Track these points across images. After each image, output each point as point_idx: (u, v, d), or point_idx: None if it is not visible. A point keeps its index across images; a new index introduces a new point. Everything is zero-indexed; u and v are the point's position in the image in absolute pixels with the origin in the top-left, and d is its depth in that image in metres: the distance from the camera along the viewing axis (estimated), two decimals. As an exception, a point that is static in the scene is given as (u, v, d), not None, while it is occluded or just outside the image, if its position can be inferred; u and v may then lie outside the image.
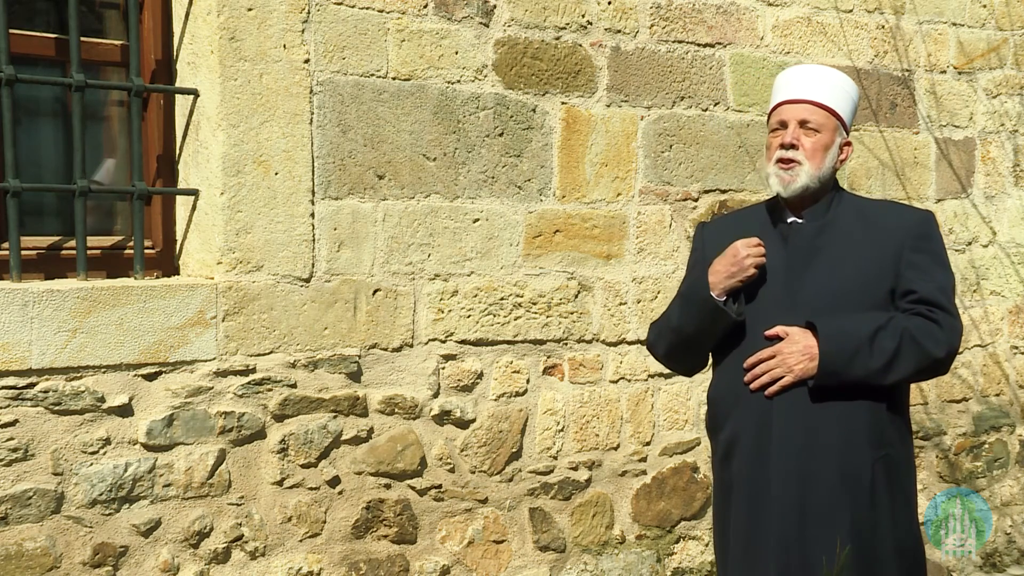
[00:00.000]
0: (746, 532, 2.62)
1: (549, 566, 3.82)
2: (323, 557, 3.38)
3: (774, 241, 2.66)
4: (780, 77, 2.73)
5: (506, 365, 3.71)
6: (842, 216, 2.65)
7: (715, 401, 2.74)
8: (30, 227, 3.13)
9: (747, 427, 2.61)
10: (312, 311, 3.33)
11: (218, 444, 3.19)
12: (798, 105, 2.61)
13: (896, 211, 2.75)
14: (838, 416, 2.54)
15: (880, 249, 2.59)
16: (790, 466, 2.54)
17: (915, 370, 2.57)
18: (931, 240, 2.64)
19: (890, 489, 2.58)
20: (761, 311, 2.59)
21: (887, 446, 2.58)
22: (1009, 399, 5.05)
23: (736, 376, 2.63)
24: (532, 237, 3.74)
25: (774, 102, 2.69)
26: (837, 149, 2.64)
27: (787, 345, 2.54)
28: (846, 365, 2.50)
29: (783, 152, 2.59)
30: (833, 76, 2.67)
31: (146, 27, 3.28)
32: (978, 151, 4.90)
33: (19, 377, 2.90)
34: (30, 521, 2.93)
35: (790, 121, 2.61)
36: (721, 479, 2.74)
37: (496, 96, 3.64)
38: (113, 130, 3.38)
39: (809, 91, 2.62)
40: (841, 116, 2.64)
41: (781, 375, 2.54)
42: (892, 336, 2.50)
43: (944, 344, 2.55)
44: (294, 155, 3.27)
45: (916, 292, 2.56)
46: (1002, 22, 4.91)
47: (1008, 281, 5.01)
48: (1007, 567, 4.90)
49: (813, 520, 2.52)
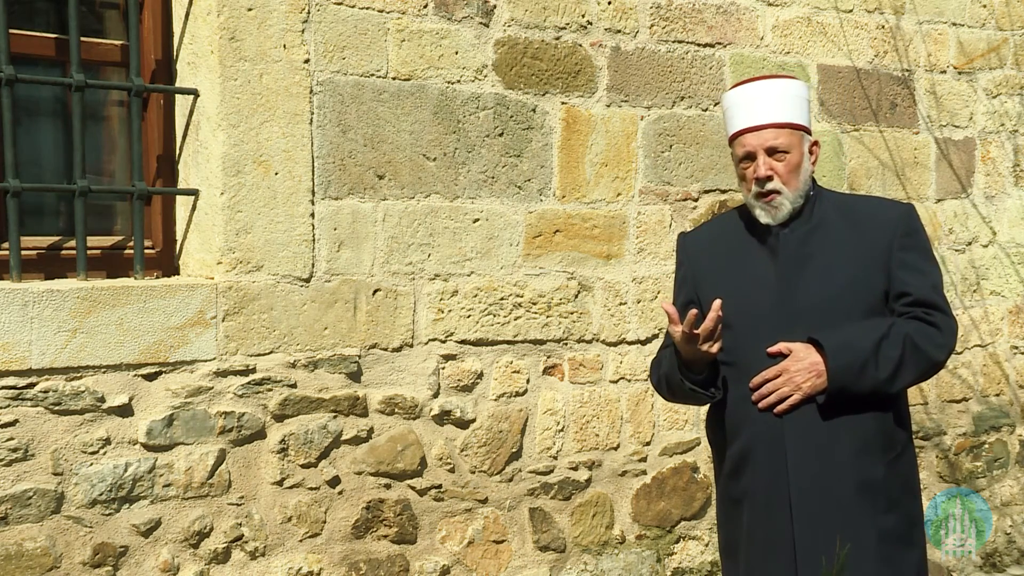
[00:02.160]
0: (767, 547, 2.59)
1: (549, 566, 3.82)
2: (323, 557, 3.38)
3: (760, 251, 2.63)
4: (728, 99, 2.65)
5: (506, 365, 3.71)
6: (827, 218, 2.62)
7: (720, 417, 2.70)
8: (30, 227, 3.13)
9: (758, 444, 2.58)
10: (312, 311, 3.33)
11: (218, 444, 3.19)
12: (761, 132, 2.55)
13: (877, 206, 2.72)
14: (849, 427, 2.52)
15: (869, 250, 2.57)
16: (807, 481, 2.52)
17: (919, 375, 2.59)
18: (917, 235, 2.62)
19: (903, 488, 2.59)
20: (759, 325, 2.56)
21: (896, 448, 2.58)
22: (1009, 399, 5.05)
23: (741, 392, 2.60)
24: (532, 237, 3.74)
25: (732, 130, 2.62)
26: (808, 156, 2.60)
27: (792, 363, 2.51)
28: (855, 379, 2.48)
29: (760, 187, 2.55)
30: (782, 87, 2.61)
31: (146, 27, 3.28)
32: (978, 151, 4.90)
33: (19, 377, 2.90)
34: (30, 521, 2.93)
35: (757, 151, 2.55)
36: (727, 493, 2.72)
37: (496, 96, 3.64)
38: (113, 130, 3.38)
39: (766, 113, 2.56)
40: (803, 125, 2.60)
41: (789, 393, 2.52)
42: (895, 345, 2.49)
43: (944, 347, 2.57)
44: (294, 155, 3.27)
45: (910, 294, 2.55)
46: (1002, 22, 4.91)
47: (1008, 281, 5.01)
48: (1007, 567, 4.90)
49: (836, 531, 2.48)
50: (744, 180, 2.61)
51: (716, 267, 2.69)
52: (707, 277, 2.69)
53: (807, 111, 2.64)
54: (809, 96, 2.69)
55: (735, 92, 2.65)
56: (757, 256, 2.62)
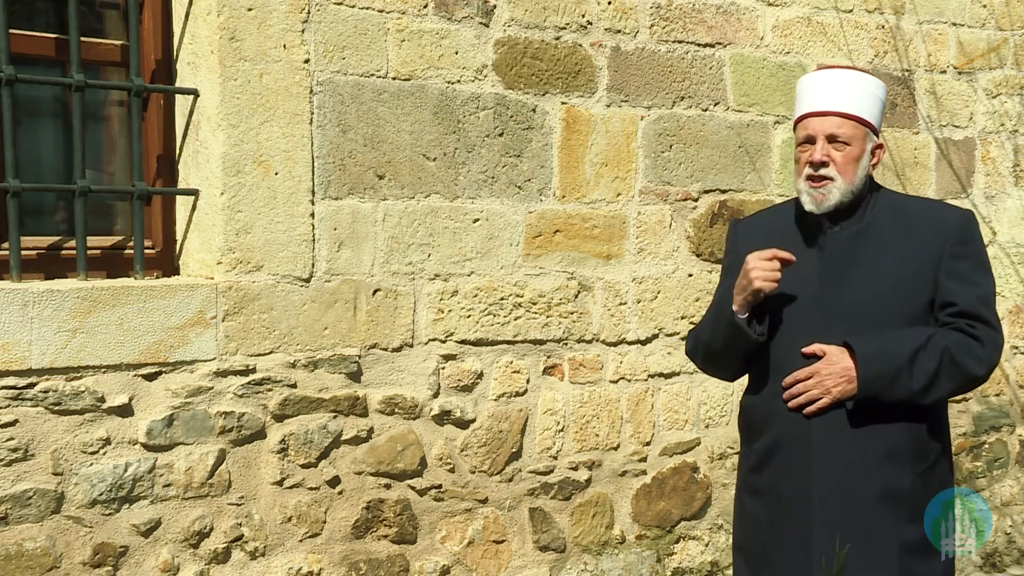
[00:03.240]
0: (783, 544, 2.57)
1: (549, 566, 3.82)
2: (323, 557, 3.38)
3: (809, 247, 2.59)
4: (803, 83, 2.63)
5: (506, 365, 3.71)
6: (879, 219, 2.57)
7: (750, 409, 2.69)
8: (30, 227, 3.13)
9: (785, 441, 2.56)
10: (312, 311, 3.33)
11: (218, 444, 3.19)
12: (825, 118, 2.51)
13: (935, 211, 2.66)
14: (879, 434, 2.49)
15: (919, 255, 2.52)
16: (832, 484, 2.50)
17: (955, 388, 2.54)
18: (972, 243, 2.56)
19: (929, 500, 2.56)
20: (796, 323, 2.53)
21: (928, 459, 2.55)
22: (1009, 399, 5.04)
23: (773, 388, 2.58)
24: (532, 237, 3.74)
25: (799, 112, 2.59)
26: (869, 155, 2.55)
27: (825, 366, 2.49)
28: (886, 388, 2.45)
29: (813, 170, 2.51)
30: (858, 80, 2.57)
31: (146, 27, 3.27)
32: (978, 151, 4.90)
33: (19, 377, 2.90)
34: (30, 521, 2.93)
35: (818, 136, 2.51)
36: (749, 485, 2.70)
37: (496, 96, 3.64)
38: (113, 130, 3.38)
39: (835, 101, 2.52)
40: (870, 122, 2.55)
41: (818, 396, 2.50)
42: (932, 357, 2.45)
43: (985, 362, 2.51)
44: (294, 155, 3.27)
45: (956, 304, 2.49)
46: (1002, 22, 4.91)
47: (1008, 281, 5.01)
48: (1007, 567, 4.90)
49: (855, 536, 2.47)
50: (798, 163, 2.57)
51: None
52: None
53: (879, 111, 2.59)
54: (884, 97, 2.63)
55: (811, 76, 2.62)
56: (805, 252, 2.58)
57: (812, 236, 2.61)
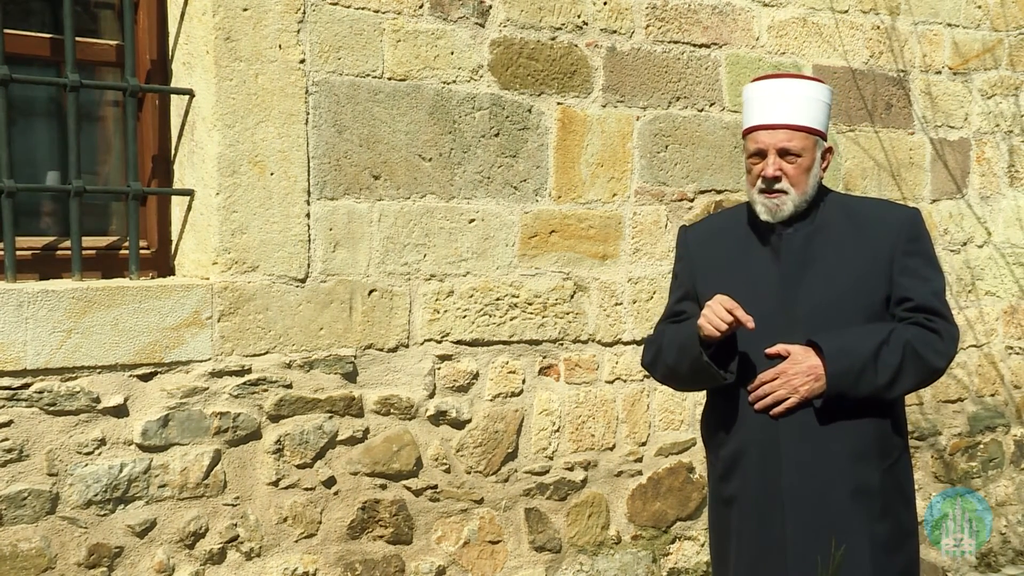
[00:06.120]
0: (757, 550, 2.58)
1: (545, 566, 3.82)
2: (319, 558, 3.38)
3: (763, 250, 2.61)
4: (749, 92, 2.63)
5: (502, 365, 3.71)
6: (830, 219, 2.60)
7: (714, 417, 2.70)
8: (25, 227, 3.12)
9: (752, 446, 2.56)
10: (308, 311, 3.33)
11: (213, 444, 3.18)
12: (775, 131, 2.53)
13: (883, 210, 2.70)
14: (845, 432, 2.51)
15: (873, 254, 2.55)
16: (803, 484, 2.51)
17: (918, 382, 2.57)
18: (921, 241, 2.61)
19: (897, 495, 2.58)
20: (758, 325, 2.52)
21: (892, 455, 2.57)
22: (1004, 399, 5.05)
23: (737, 393, 2.58)
24: (528, 237, 3.74)
25: (747, 124, 2.60)
26: (819, 162, 2.58)
27: (790, 365, 2.50)
28: (853, 384, 2.47)
29: (766, 185, 2.53)
30: (804, 89, 2.58)
31: (141, 27, 3.27)
32: (973, 152, 4.91)
33: (14, 377, 2.89)
34: (25, 522, 2.92)
35: (769, 150, 2.53)
36: (719, 494, 2.70)
37: (492, 96, 3.64)
38: (108, 130, 3.38)
39: (784, 113, 2.53)
40: (819, 130, 2.57)
41: (786, 396, 2.50)
42: (895, 351, 2.47)
43: (945, 355, 2.55)
44: (290, 155, 3.27)
45: (912, 300, 2.53)
46: (997, 23, 4.92)
47: (1003, 282, 5.02)
48: (1002, 567, 4.91)
49: (829, 536, 2.47)
50: (750, 174, 2.59)
51: (717, 263, 2.67)
52: (707, 273, 2.67)
53: (826, 116, 2.61)
54: (830, 101, 2.65)
55: (757, 86, 2.63)
56: (759, 255, 2.60)
57: (765, 239, 2.62)
